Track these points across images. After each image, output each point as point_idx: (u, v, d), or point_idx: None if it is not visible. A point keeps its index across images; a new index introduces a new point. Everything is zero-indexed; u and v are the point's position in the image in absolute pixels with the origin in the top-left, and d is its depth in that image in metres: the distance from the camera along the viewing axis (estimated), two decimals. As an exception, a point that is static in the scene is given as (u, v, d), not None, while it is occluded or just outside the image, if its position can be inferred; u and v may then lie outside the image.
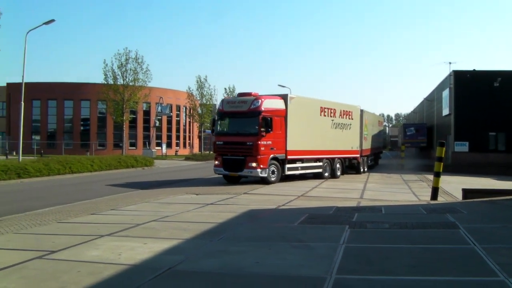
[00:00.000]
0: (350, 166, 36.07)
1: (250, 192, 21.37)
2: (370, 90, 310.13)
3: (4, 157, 52.46)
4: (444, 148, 19.20)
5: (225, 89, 78.04)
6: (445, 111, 48.54)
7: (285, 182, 27.24)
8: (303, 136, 29.10)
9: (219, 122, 28.09)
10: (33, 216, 14.77)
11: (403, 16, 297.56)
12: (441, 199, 19.46)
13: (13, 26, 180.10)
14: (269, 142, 26.33)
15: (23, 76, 40.09)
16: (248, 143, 26.14)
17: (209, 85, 75.87)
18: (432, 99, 62.16)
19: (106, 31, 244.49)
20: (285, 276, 7.57)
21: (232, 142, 27.07)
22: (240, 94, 28.54)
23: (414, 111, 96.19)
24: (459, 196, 20.23)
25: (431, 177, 22.87)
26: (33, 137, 74.56)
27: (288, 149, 27.53)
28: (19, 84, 41.82)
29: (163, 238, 10.62)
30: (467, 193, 19.29)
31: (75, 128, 78.42)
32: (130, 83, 59.61)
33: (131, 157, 47.53)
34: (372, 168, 43.04)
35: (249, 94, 27.65)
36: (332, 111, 32.15)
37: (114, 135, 77.01)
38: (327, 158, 31.54)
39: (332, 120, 32.20)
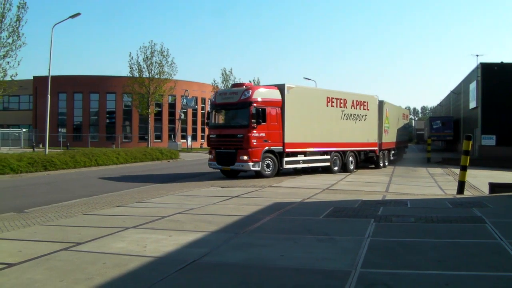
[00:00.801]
0: (369, 160, 34.89)
1: (275, 185, 21.33)
2: (395, 82, 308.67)
3: (31, 149, 52.93)
4: (470, 142, 18.96)
5: (250, 81, 77.94)
6: (472, 104, 48.08)
7: (309, 175, 27.22)
8: (305, 127, 28.11)
9: (212, 114, 27.34)
10: (59, 208, 14.91)
11: (430, 8, 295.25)
12: (467, 193, 19.27)
13: (39, 20, 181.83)
14: (262, 134, 25.44)
15: (49, 70, 40.44)
16: (238, 136, 25.40)
17: (234, 78, 75.80)
18: (459, 92, 61.60)
19: (132, 24, 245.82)
20: (310, 269, 7.56)
21: (224, 135, 26.48)
22: (234, 85, 28.08)
23: (440, 104, 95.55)
24: (485, 190, 19.99)
25: (457, 171, 22.69)
26: (59, 130, 75.23)
27: (286, 141, 26.52)
28: (46, 78, 42.18)
29: (188, 231, 10.65)
30: (494, 187, 19.02)
31: (101, 121, 78.93)
32: (156, 76, 59.82)
33: (156, 149, 47.73)
34: (396, 162, 41.11)
35: (241, 84, 27.21)
36: (342, 101, 30.78)
37: (140, 128, 77.40)
38: (336, 151, 30.33)
39: (343, 111, 30.81)
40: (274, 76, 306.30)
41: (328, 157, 29.63)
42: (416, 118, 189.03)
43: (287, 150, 26.68)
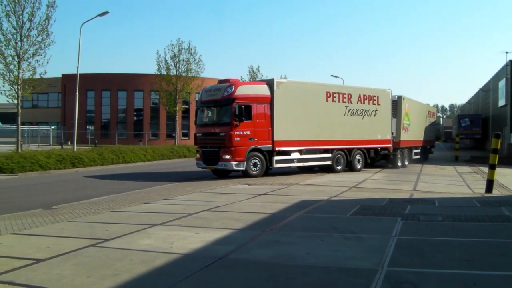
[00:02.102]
0: (385, 159, 33.34)
1: (302, 183, 21.27)
2: (424, 80, 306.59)
3: (60, 147, 53.43)
4: (499, 140, 18.72)
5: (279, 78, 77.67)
6: (501, 102, 47.59)
7: (335, 174, 27.01)
8: (300, 124, 26.66)
9: (199, 112, 26.57)
10: (87, 205, 15.03)
11: (459, 4, 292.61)
12: (496, 192, 19.05)
13: (68, 18, 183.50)
14: (247, 132, 24.34)
15: (77, 68, 40.76)
16: (221, 134, 24.43)
17: (262, 75, 75.74)
18: (488, 90, 61.00)
19: (159, 22, 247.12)
20: (336, 267, 7.55)
21: (208, 133, 25.51)
22: (220, 81, 26.42)
23: (469, 102, 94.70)
24: (514, 189, 19.81)
25: (485, 169, 22.48)
26: (87, 127, 75.83)
27: (275, 139, 25.22)
28: (74, 75, 42.46)
29: (215, 228, 10.67)
30: (523, 186, 18.84)
31: (129, 118, 79.35)
32: (183, 74, 59.87)
33: (183, 147, 47.92)
34: (421, 162, 39.21)
35: (227, 80, 25.78)
36: (345, 96, 28.97)
37: (167, 125, 77.62)
38: (340, 149, 28.68)
39: (347, 106, 29.01)
40: (301, 73, 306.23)
41: (329, 155, 28.18)
42: (444, 116, 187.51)
43: (277, 148, 25.45)
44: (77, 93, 39.79)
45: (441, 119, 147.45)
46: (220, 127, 24.60)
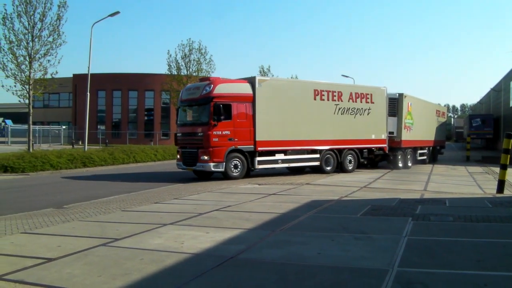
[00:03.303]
0: (385, 159, 32.25)
1: (312, 183, 21.25)
2: (434, 80, 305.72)
3: (71, 146, 53.62)
4: (511, 140, 18.65)
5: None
6: (513, 102, 47.34)
7: (345, 174, 26.96)
8: (284, 124, 25.59)
9: (179, 111, 25.76)
10: (97, 204, 15.08)
11: (470, 4, 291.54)
12: (507, 192, 18.95)
13: (79, 18, 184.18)
14: (227, 132, 23.49)
15: (89, 67, 40.96)
16: (199, 134, 23.68)
17: (272, 75, 75.75)
18: (499, 89, 60.76)
19: (170, 22, 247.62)
20: (347, 267, 7.54)
21: (188, 133, 24.77)
22: (200, 79, 25.79)
23: (480, 102, 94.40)
24: (526, 189, 19.70)
25: (497, 169, 22.33)
26: (98, 127, 76.01)
27: (257, 139, 24.29)
28: (85, 75, 42.64)
29: (225, 228, 10.69)
30: (535, 186, 18.75)
31: (139, 118, 79.52)
32: (194, 74, 59.88)
33: (194, 147, 47.85)
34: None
35: (207, 78, 25.18)
36: (335, 94, 27.79)
37: (178, 125, 77.61)
38: (329, 149, 27.54)
39: (337, 104, 27.81)
40: (313, 74, 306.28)
41: (318, 156, 27.06)
42: (456, 116, 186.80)
43: (259, 149, 24.52)
44: (88, 93, 39.86)
45: (452, 119, 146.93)
46: (198, 127, 23.92)
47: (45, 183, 22.63)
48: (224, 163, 23.41)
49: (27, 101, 33.37)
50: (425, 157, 37.89)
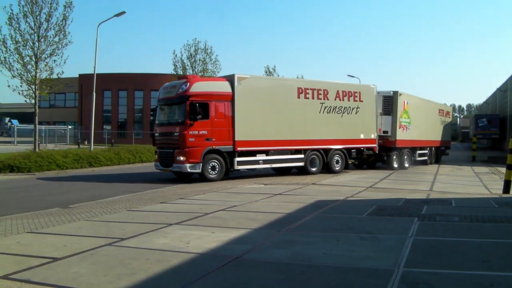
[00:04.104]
0: (380, 160, 31.45)
1: (318, 183, 21.24)
2: (440, 79, 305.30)
3: (76, 146, 53.71)
4: (517, 140, 18.57)
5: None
6: (520, 102, 47.20)
7: (351, 174, 26.89)
8: (266, 123, 24.70)
9: (157, 110, 25.09)
10: (103, 204, 15.11)
11: (475, 5, 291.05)
12: (513, 192, 18.93)
13: (85, 18, 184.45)
14: (204, 132, 22.67)
15: (94, 67, 41.03)
16: (175, 134, 22.96)
17: (278, 75, 75.70)
18: (505, 89, 60.63)
19: (175, 22, 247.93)
20: (352, 267, 7.54)
21: (164, 133, 24.12)
22: (178, 77, 24.92)
23: (486, 102, 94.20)
24: (532, 189, 19.63)
25: (503, 169, 22.26)
26: (104, 127, 76.03)
27: (237, 139, 23.46)
28: (91, 75, 42.69)
29: (231, 228, 10.70)
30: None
31: (145, 118, 79.42)
32: (199, 74, 59.92)
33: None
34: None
35: (185, 77, 24.22)
36: (321, 92, 26.81)
37: (184, 125, 77.60)
38: (314, 149, 26.65)
39: (322, 103, 26.82)
40: (319, 73, 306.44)
41: (302, 156, 26.15)
42: (462, 116, 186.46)
43: (239, 149, 23.67)
44: (94, 93, 39.89)
45: (458, 119, 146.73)
46: (174, 127, 23.15)
47: (51, 183, 22.65)
48: (201, 164, 22.65)
49: (33, 101, 33.40)
50: (425, 158, 36.82)
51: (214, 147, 22.98)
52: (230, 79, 23.80)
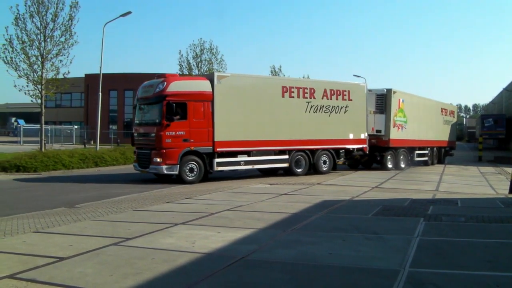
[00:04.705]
0: (372, 160, 30.60)
1: (324, 183, 21.22)
2: (447, 79, 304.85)
3: (82, 146, 53.76)
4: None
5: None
6: (526, 102, 47.05)
7: (357, 174, 26.85)
8: (248, 123, 23.95)
9: (136, 110, 24.45)
10: (109, 204, 15.13)
11: (482, 4, 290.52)
12: (520, 192, 18.89)
13: (91, 19, 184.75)
14: (181, 133, 21.97)
15: (100, 67, 41.07)
16: (151, 134, 22.40)
17: (284, 75, 75.65)
18: (512, 89, 60.43)
19: (181, 22, 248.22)
20: (358, 268, 7.54)
21: (142, 134, 23.57)
22: (157, 76, 23.79)
23: (492, 102, 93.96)
24: (539, 190, 19.58)
25: (509, 169, 22.29)
26: (110, 126, 76.04)
27: (216, 140, 22.67)
28: (97, 75, 42.75)
29: (236, 228, 10.71)
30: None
31: (151, 118, 79.44)
32: (205, 74, 59.98)
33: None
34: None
35: (163, 75, 23.24)
36: (307, 90, 25.88)
37: (190, 125, 77.60)
38: (300, 150, 25.80)
39: (308, 102, 25.88)
40: (325, 73, 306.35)
41: (286, 157, 25.29)
42: (468, 116, 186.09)
43: (218, 149, 22.89)
44: (100, 93, 39.96)
45: (464, 119, 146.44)
46: (151, 127, 22.57)
47: (57, 182, 22.68)
48: (178, 165, 21.93)
49: (39, 101, 33.44)
50: (426, 158, 35.56)
51: (192, 148, 22.32)
52: (210, 78, 23.22)
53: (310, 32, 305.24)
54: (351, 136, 27.81)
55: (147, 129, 22.90)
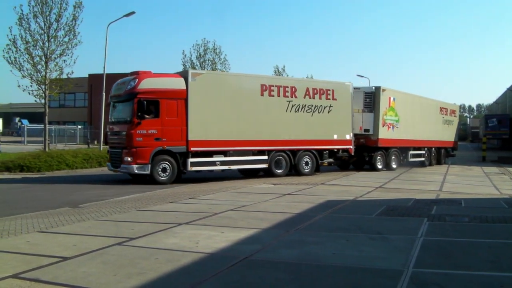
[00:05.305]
0: (362, 161, 29.61)
1: (327, 183, 21.21)
2: (450, 79, 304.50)
3: (86, 146, 53.81)
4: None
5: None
6: (529, 102, 46.92)
7: (361, 174, 26.81)
8: (224, 122, 23.27)
9: (110, 108, 23.83)
10: (113, 204, 15.13)
11: (486, 4, 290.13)
12: (523, 193, 18.89)
13: (94, 19, 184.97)
14: (153, 131, 21.42)
15: (104, 67, 41.01)
16: (122, 133, 21.90)
17: (287, 75, 75.51)
18: (516, 89, 60.31)
19: (185, 22, 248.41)
20: (362, 268, 7.54)
21: (114, 132, 23.04)
22: (130, 73, 23.20)
23: (496, 102, 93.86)
24: (543, 190, 19.60)
25: (513, 170, 22.24)
26: (113, 126, 76.10)
27: (190, 139, 22.05)
28: (101, 75, 42.73)
29: (240, 228, 10.72)
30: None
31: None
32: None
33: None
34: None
35: (136, 73, 22.53)
36: (288, 89, 25.22)
37: (193, 125, 77.61)
38: (280, 150, 25.06)
39: (290, 101, 25.19)
40: (329, 73, 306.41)
41: (266, 157, 24.55)
42: (471, 116, 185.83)
43: (192, 149, 22.23)
44: (104, 93, 39.92)
45: (468, 119, 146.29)
46: (122, 126, 22.05)
47: (61, 182, 22.70)
48: (150, 165, 21.41)
49: (43, 101, 33.44)
50: (422, 159, 34.50)
51: (164, 147, 21.77)
52: (184, 75, 22.55)
53: (315, 32, 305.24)
54: (335, 137, 27.11)
55: (119, 128, 22.44)
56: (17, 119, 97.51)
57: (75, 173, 27.64)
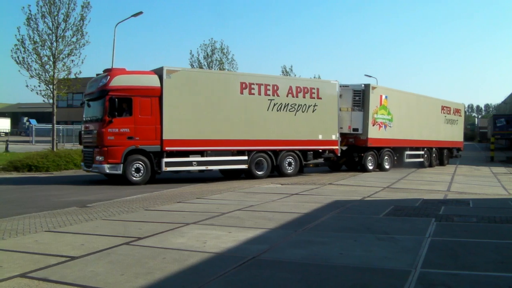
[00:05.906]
0: (352, 161, 28.90)
1: (335, 183, 21.19)
2: (458, 79, 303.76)
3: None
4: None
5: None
6: (538, 102, 46.72)
7: (368, 174, 26.78)
8: (201, 121, 22.56)
9: (84, 107, 23.09)
10: (121, 203, 15.14)
11: (493, 4, 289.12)
12: (532, 193, 18.82)
13: (102, 19, 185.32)
14: (125, 130, 20.87)
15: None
16: (94, 132, 21.32)
17: (295, 75, 75.41)
18: (524, 90, 59.99)
19: (192, 22, 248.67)
20: (369, 268, 7.52)
21: (86, 131, 22.44)
22: (104, 71, 22.57)
23: (504, 102, 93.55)
24: (551, 190, 19.52)
25: (522, 170, 22.17)
26: (121, 126, 76.19)
27: (165, 138, 21.47)
28: (107, 75, 42.76)
29: (247, 227, 10.72)
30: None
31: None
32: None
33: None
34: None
35: (110, 70, 22.20)
36: (269, 87, 24.45)
37: (199, 125, 77.62)
38: (261, 151, 24.39)
39: (271, 100, 24.46)
40: (336, 73, 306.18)
41: (245, 158, 23.85)
42: (480, 116, 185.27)
43: (167, 148, 21.62)
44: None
45: (476, 119, 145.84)
46: (94, 124, 21.54)
47: (69, 182, 22.74)
48: (122, 165, 20.88)
49: (51, 100, 33.50)
50: (421, 160, 33.25)
51: (137, 146, 21.21)
52: (159, 72, 21.83)
53: (322, 32, 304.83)
54: (320, 137, 26.36)
55: (91, 126, 21.95)
56: (25, 119, 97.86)
57: (83, 173, 27.65)
